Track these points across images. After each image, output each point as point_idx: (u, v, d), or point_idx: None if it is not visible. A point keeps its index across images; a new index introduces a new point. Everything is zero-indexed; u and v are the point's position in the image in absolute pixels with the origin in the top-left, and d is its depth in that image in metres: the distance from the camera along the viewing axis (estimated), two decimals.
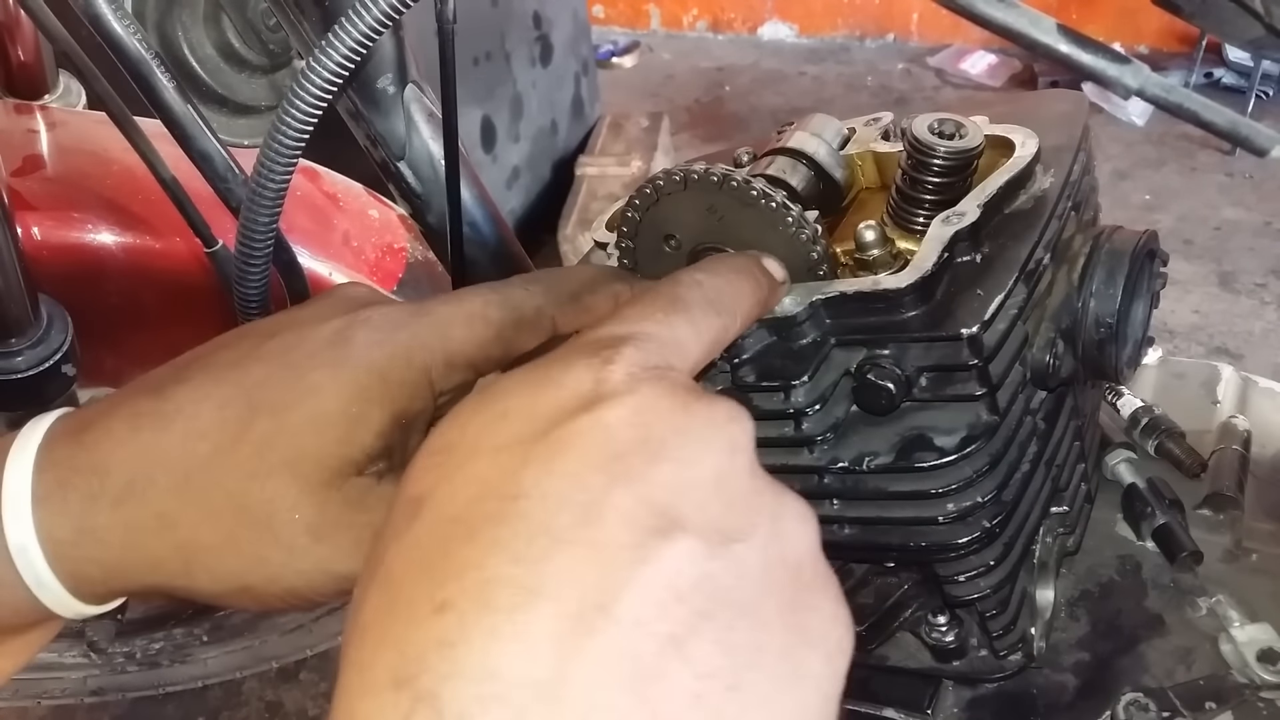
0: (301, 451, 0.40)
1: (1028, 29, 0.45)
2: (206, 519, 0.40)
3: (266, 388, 0.41)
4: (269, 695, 2.03)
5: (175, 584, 0.41)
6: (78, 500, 0.40)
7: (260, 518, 0.40)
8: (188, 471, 0.40)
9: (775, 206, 0.58)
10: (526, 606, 0.27)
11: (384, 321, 0.44)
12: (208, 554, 0.40)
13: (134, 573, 0.41)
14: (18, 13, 1.34)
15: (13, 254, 0.98)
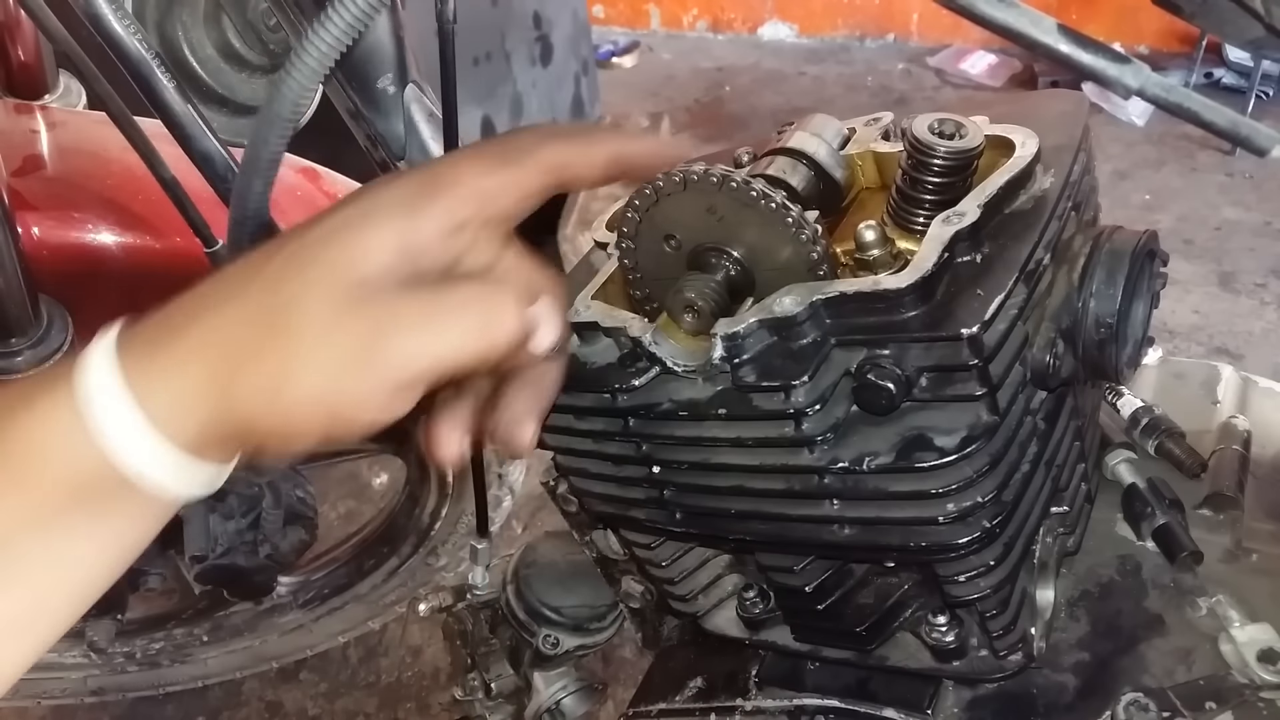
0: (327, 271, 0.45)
1: (1028, 29, 0.45)
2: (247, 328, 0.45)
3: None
4: (269, 695, 2.03)
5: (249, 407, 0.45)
6: (133, 344, 0.45)
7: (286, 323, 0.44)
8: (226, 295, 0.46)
9: (775, 206, 0.58)
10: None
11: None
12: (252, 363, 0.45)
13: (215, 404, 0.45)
14: (18, 13, 1.35)
15: (13, 254, 0.98)
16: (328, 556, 1.84)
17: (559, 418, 0.71)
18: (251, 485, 1.40)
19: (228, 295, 0.46)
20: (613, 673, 1.84)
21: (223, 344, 0.45)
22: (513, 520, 2.22)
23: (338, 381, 0.44)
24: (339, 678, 2.05)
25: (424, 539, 1.75)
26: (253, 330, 0.45)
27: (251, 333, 0.45)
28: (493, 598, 1.09)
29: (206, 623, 1.78)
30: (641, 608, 0.94)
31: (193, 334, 0.45)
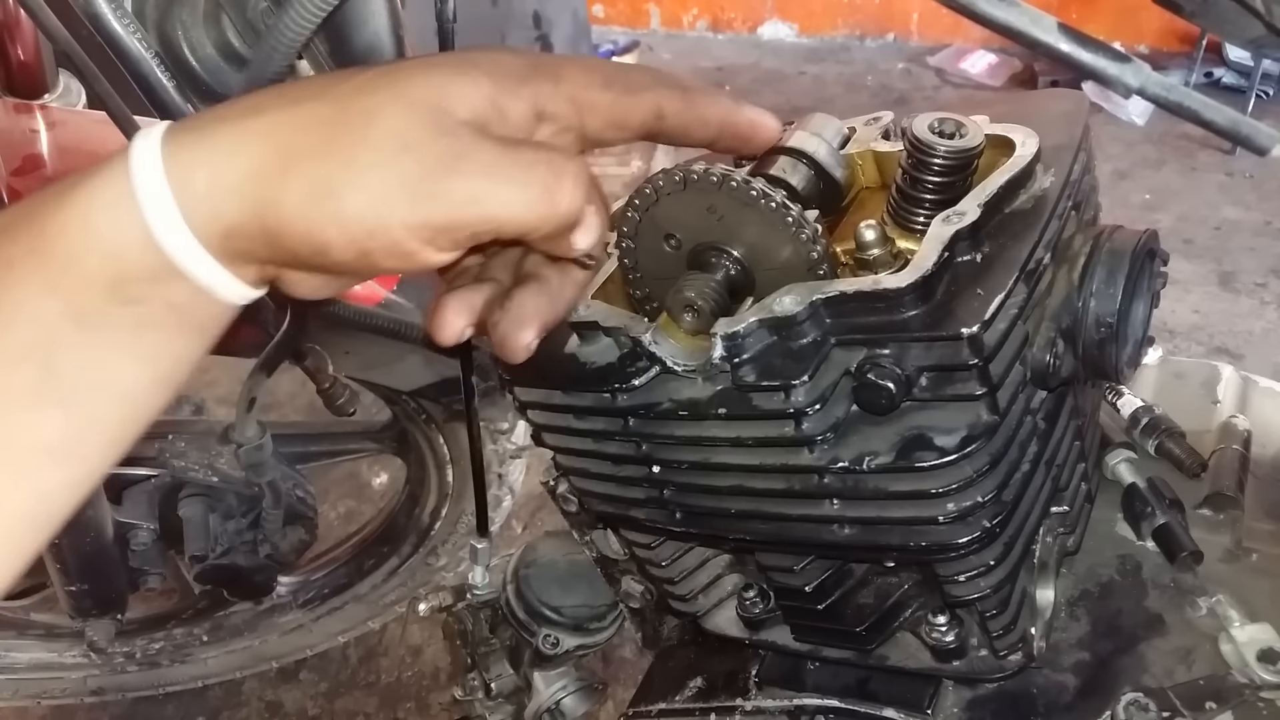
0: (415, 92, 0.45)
1: (1029, 28, 0.45)
2: (306, 126, 0.44)
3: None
4: (269, 695, 2.03)
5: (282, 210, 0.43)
6: (184, 136, 0.44)
7: (358, 125, 0.44)
8: (295, 97, 0.45)
9: (775, 206, 0.58)
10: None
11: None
12: (307, 160, 0.43)
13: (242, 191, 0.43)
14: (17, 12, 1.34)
15: None
16: (328, 556, 1.84)
17: (559, 417, 0.71)
18: (251, 485, 1.40)
19: (306, 94, 0.45)
20: (613, 672, 1.84)
21: (283, 137, 0.43)
22: (513, 520, 2.22)
23: (390, 201, 0.43)
24: (339, 677, 2.05)
25: (424, 539, 1.75)
26: (321, 130, 0.44)
27: (319, 132, 0.44)
28: (493, 597, 1.09)
29: (206, 622, 1.79)
30: (641, 607, 0.94)
31: (251, 124, 0.44)
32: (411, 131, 0.44)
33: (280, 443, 1.37)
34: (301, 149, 0.43)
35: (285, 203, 0.43)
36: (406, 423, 1.63)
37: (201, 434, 1.45)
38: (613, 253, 0.69)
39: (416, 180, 0.43)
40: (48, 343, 0.44)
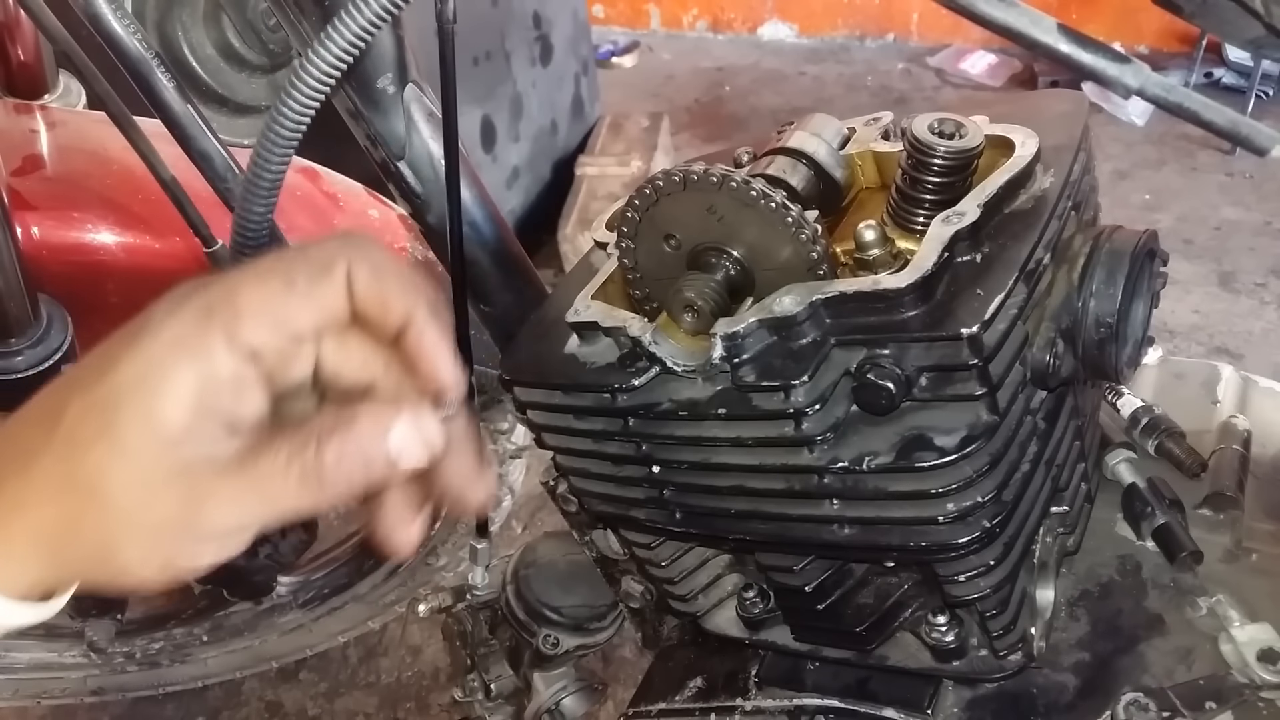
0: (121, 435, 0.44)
1: (1028, 28, 0.45)
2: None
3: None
4: (269, 695, 2.03)
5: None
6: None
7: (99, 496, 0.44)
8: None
9: (775, 206, 0.58)
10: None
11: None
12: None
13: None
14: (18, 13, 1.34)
15: (13, 254, 0.98)
16: (327, 556, 1.84)
17: (559, 418, 0.71)
18: None
19: (29, 455, 0.45)
20: (613, 673, 1.84)
21: (40, 517, 0.45)
22: (513, 520, 2.22)
23: (164, 545, 0.45)
24: (339, 678, 2.05)
25: (423, 539, 1.74)
26: (66, 501, 0.44)
27: (65, 505, 0.44)
28: (492, 598, 1.09)
29: (206, 622, 1.78)
30: (641, 608, 0.93)
31: (6, 502, 0.45)
32: (147, 484, 0.44)
33: None
34: (61, 525, 0.45)
35: (76, 567, 0.47)
36: None
37: None
38: (613, 253, 0.70)
39: (176, 522, 0.45)
40: None
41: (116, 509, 0.44)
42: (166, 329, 0.44)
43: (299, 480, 0.44)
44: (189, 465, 0.44)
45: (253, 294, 0.45)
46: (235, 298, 0.45)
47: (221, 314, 0.44)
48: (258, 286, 0.45)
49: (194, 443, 0.44)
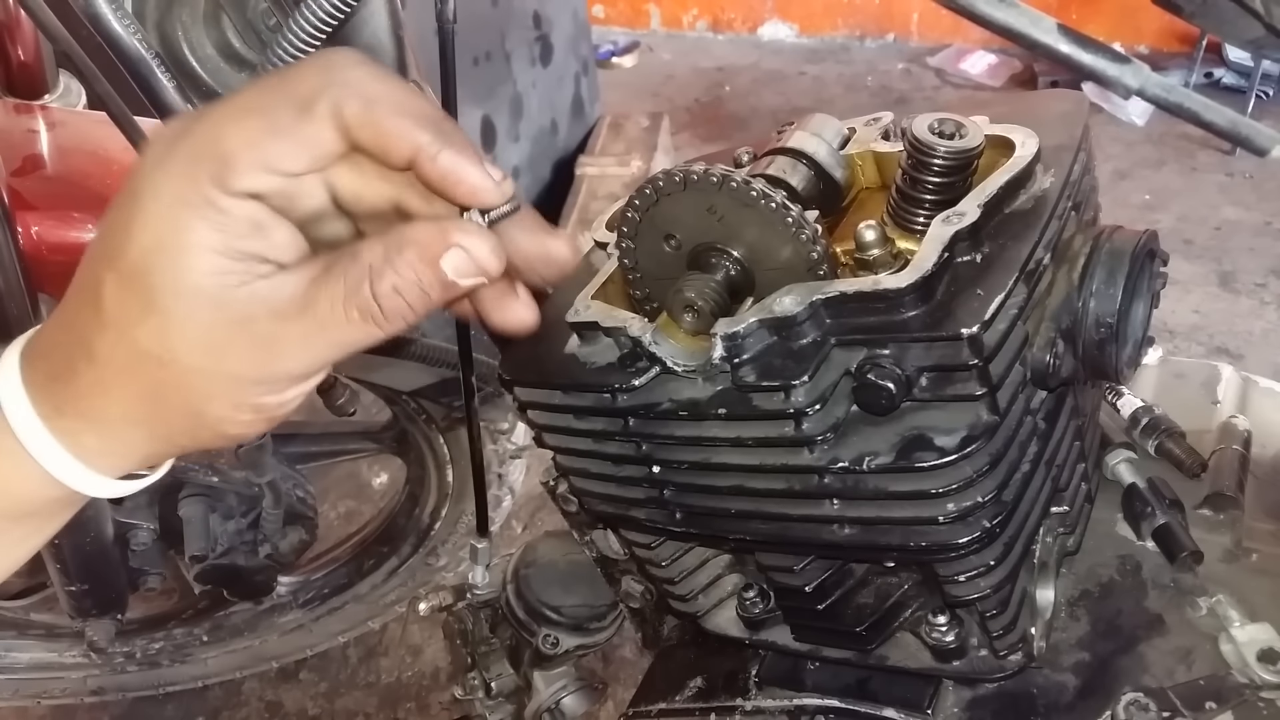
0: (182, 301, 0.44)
1: (1028, 29, 0.45)
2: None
3: (100, 230, 0.46)
4: (269, 695, 2.03)
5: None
6: (42, 378, 0.47)
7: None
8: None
9: (775, 206, 0.58)
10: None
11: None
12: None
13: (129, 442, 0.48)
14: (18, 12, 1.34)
15: (13, 254, 0.98)
16: (328, 556, 1.84)
17: (559, 418, 0.71)
18: (251, 485, 1.40)
19: (88, 340, 0.46)
20: (613, 672, 1.84)
21: (124, 396, 0.46)
22: (513, 520, 2.22)
23: (247, 394, 0.46)
24: (339, 677, 2.05)
25: (424, 539, 1.75)
26: (141, 376, 0.45)
27: (142, 379, 0.45)
28: (493, 597, 1.09)
29: (206, 622, 1.79)
30: (641, 607, 0.94)
31: (86, 388, 0.46)
32: (212, 351, 0.44)
33: (280, 443, 1.37)
34: (155, 410, 0.46)
35: (174, 444, 0.49)
36: (406, 423, 1.63)
37: None
38: (613, 253, 0.70)
39: (255, 381, 0.46)
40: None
41: (191, 371, 0.44)
42: (165, 188, 0.43)
43: (360, 318, 0.44)
44: (245, 314, 0.44)
45: (235, 139, 0.43)
46: (219, 145, 0.43)
47: (209, 166, 0.43)
48: (239, 130, 0.43)
49: (238, 289, 0.44)
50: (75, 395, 0.46)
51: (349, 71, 0.44)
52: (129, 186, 0.44)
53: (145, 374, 0.45)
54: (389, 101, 0.44)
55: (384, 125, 0.44)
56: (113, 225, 0.44)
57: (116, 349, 0.45)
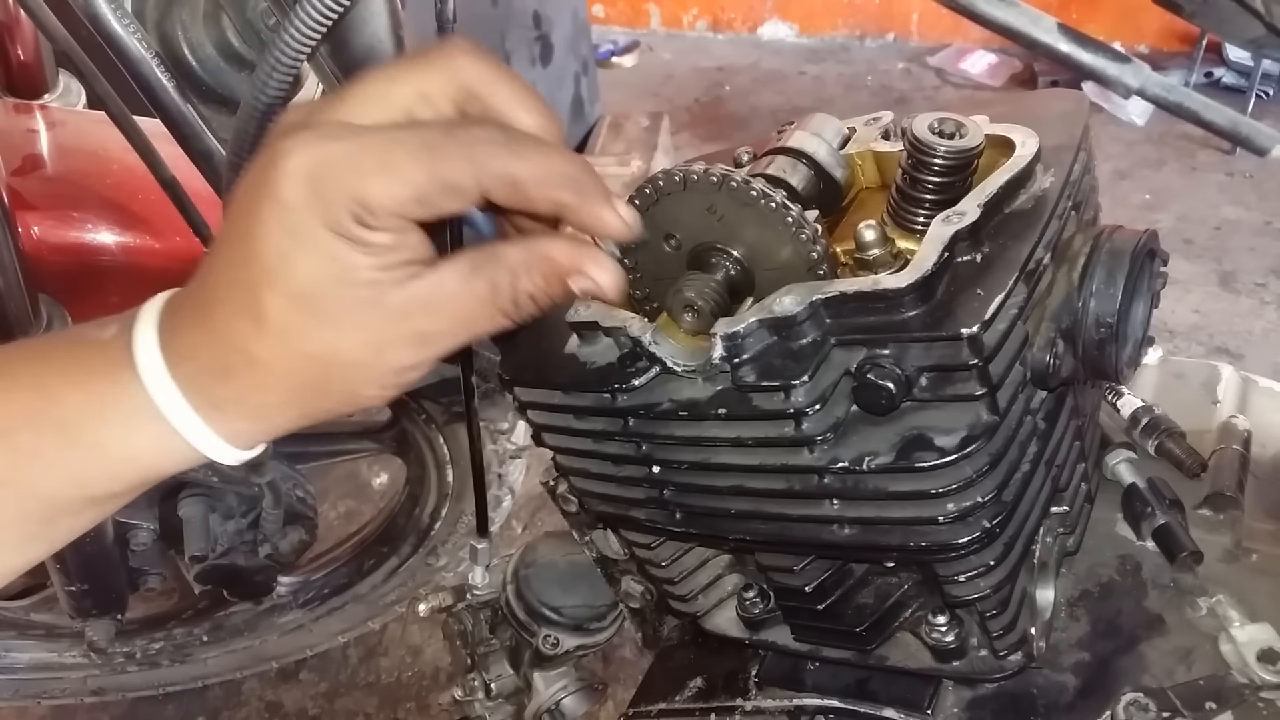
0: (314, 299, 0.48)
1: (1028, 28, 0.45)
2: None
3: (254, 251, 0.48)
4: (269, 695, 2.03)
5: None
6: (193, 375, 0.50)
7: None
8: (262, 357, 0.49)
9: (775, 206, 0.58)
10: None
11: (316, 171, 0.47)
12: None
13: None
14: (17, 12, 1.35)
15: (13, 254, 0.98)
16: (328, 556, 1.84)
17: (559, 418, 0.71)
18: (251, 485, 1.40)
19: (247, 348, 0.49)
20: (613, 673, 1.84)
21: (284, 390, 0.50)
22: (513, 520, 2.22)
23: (400, 378, 0.52)
24: (339, 678, 2.05)
25: (424, 539, 1.75)
26: (306, 375, 0.50)
27: (306, 377, 0.50)
28: (493, 598, 1.09)
29: (206, 623, 1.79)
30: (641, 608, 0.94)
31: (245, 386, 0.50)
32: (377, 349, 0.50)
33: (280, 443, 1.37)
34: (312, 400, 0.51)
35: (306, 423, 0.53)
36: (406, 423, 1.63)
37: None
38: (613, 253, 0.69)
39: (405, 375, 0.51)
40: (53, 513, 0.53)
41: (354, 366, 0.50)
42: (318, 229, 0.46)
43: (499, 314, 0.51)
44: (403, 313, 0.49)
45: (379, 192, 0.46)
46: (364, 192, 0.46)
47: (354, 209, 0.46)
48: (384, 186, 0.46)
49: (395, 292, 0.48)
50: (234, 391, 0.50)
51: (493, 149, 0.48)
52: (279, 219, 0.47)
53: (309, 372, 0.50)
54: (534, 178, 0.48)
55: (531, 198, 0.49)
56: (266, 252, 0.47)
57: (282, 355, 0.49)
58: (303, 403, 0.52)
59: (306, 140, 0.46)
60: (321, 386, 0.51)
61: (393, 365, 0.51)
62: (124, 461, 0.51)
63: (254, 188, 0.47)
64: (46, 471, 0.50)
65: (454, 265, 0.50)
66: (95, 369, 0.50)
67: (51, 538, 0.54)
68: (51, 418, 0.49)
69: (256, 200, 0.47)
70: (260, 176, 0.47)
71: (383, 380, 0.51)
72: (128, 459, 0.51)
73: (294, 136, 0.46)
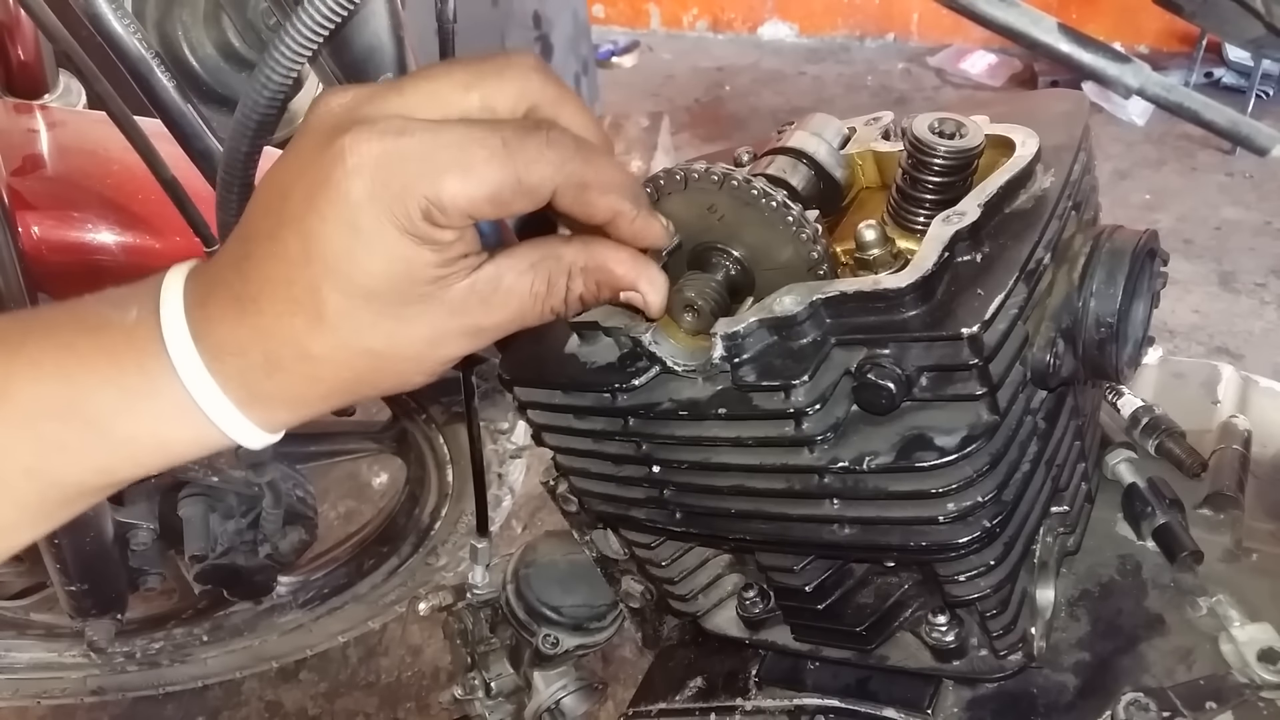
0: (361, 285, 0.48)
1: (1029, 28, 0.45)
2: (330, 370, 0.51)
3: (314, 248, 0.47)
4: (269, 695, 2.03)
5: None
6: (235, 371, 0.50)
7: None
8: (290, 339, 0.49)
9: (775, 206, 0.58)
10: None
11: (383, 162, 0.47)
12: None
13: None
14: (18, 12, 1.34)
15: (13, 254, 0.98)
16: (328, 556, 1.84)
17: (559, 417, 0.71)
18: (251, 485, 1.40)
19: (299, 341, 0.49)
20: (613, 672, 1.84)
21: (337, 380, 0.51)
22: (513, 520, 2.22)
23: (441, 370, 0.53)
24: (339, 677, 2.05)
25: (424, 539, 1.75)
26: (360, 366, 0.50)
27: (360, 368, 0.50)
28: (493, 597, 1.09)
29: (206, 622, 1.79)
30: (641, 607, 0.94)
31: (298, 377, 0.50)
32: (432, 343, 0.51)
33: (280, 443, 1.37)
34: (362, 387, 0.52)
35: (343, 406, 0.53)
36: (406, 423, 1.63)
37: None
38: None
39: (449, 364, 0.53)
40: (74, 497, 0.52)
41: (409, 359, 0.51)
42: (385, 225, 0.46)
43: (550, 310, 0.52)
44: (462, 307, 0.50)
45: (454, 191, 0.46)
46: (436, 188, 0.46)
47: (423, 205, 0.46)
48: (459, 185, 0.46)
49: (456, 287, 0.49)
50: (279, 385, 0.50)
51: (567, 152, 0.49)
52: (342, 216, 0.46)
53: (363, 365, 0.50)
54: (601, 185, 0.50)
55: (593, 203, 0.50)
56: (327, 250, 0.47)
57: (338, 350, 0.49)
58: (348, 392, 0.52)
59: (372, 135, 0.45)
60: (371, 378, 0.51)
61: (445, 356, 0.52)
62: (154, 451, 0.51)
63: (311, 182, 0.46)
64: (73, 462, 0.50)
65: (512, 260, 0.51)
66: (124, 361, 0.49)
67: (67, 516, 0.54)
68: (80, 411, 0.49)
69: (315, 194, 0.46)
70: (318, 172, 0.46)
71: (433, 370, 0.52)
72: (157, 448, 0.51)
73: (356, 131, 0.45)
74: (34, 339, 0.50)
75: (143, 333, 0.49)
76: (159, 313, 0.49)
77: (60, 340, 0.50)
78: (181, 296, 0.50)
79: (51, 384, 0.48)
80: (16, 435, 0.48)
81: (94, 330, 0.50)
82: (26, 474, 0.49)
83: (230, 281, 0.49)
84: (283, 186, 0.48)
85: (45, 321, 0.51)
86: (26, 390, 0.48)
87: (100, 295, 0.52)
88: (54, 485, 0.51)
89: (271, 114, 0.60)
